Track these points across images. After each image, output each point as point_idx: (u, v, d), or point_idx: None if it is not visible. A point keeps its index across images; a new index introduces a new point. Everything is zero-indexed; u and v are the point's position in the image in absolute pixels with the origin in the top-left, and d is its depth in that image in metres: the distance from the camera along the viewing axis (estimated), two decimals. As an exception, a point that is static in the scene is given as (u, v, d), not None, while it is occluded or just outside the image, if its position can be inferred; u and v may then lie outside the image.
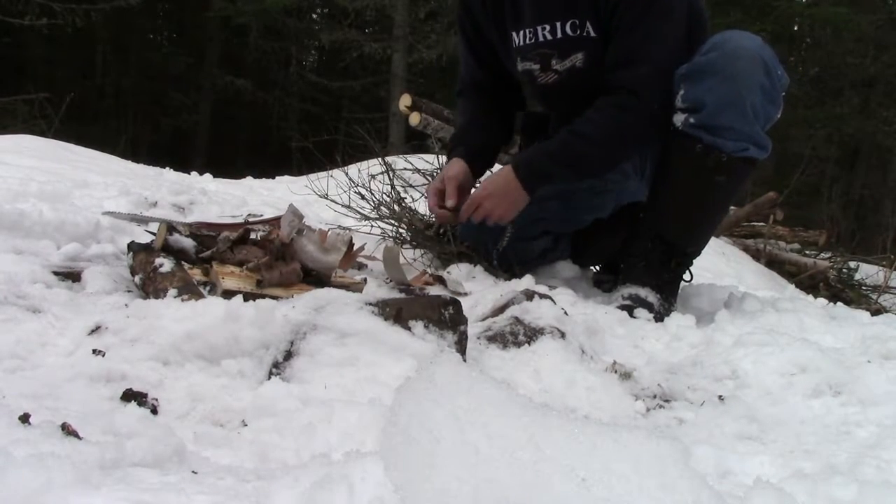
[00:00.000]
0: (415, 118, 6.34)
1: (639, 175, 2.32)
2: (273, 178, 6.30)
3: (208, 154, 17.70)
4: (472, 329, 1.57)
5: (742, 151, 2.01)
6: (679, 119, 2.03)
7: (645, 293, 2.05)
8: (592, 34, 2.09)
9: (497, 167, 2.31)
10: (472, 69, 2.41)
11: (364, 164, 3.72)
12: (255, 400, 1.15)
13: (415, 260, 2.34)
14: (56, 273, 1.62)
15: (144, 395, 1.12)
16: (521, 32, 2.21)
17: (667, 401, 1.47)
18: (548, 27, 2.14)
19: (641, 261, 2.11)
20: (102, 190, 2.91)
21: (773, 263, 6.22)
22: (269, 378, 1.22)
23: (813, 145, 14.87)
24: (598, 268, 2.56)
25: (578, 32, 2.11)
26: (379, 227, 2.56)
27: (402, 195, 2.58)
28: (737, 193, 2.27)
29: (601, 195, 2.37)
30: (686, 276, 2.20)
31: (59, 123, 9.27)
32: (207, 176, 4.95)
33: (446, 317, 1.40)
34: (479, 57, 2.38)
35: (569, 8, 2.10)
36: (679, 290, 2.19)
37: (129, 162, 5.05)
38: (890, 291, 5.92)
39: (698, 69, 1.99)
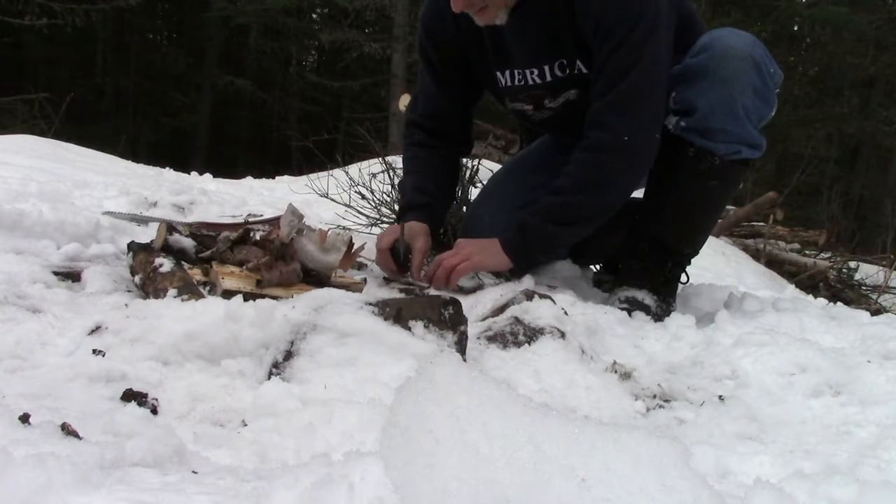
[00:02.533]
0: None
1: None
2: (273, 178, 6.31)
3: (208, 154, 17.71)
4: (472, 329, 1.57)
5: (734, 154, 2.01)
6: (671, 121, 2.02)
7: (642, 296, 2.04)
8: (584, 71, 2.03)
9: None
10: (433, 100, 2.27)
11: (364, 163, 3.73)
12: (255, 400, 1.16)
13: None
14: (56, 273, 1.62)
15: (144, 395, 1.13)
16: (508, 73, 2.13)
17: (667, 401, 1.47)
18: (535, 71, 2.07)
19: (638, 262, 2.10)
20: (102, 190, 2.91)
21: (773, 263, 6.22)
22: (269, 378, 1.23)
23: (813, 145, 14.85)
24: (598, 267, 2.56)
25: (568, 72, 2.05)
26: (380, 227, 2.56)
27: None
28: (732, 194, 2.26)
29: None
30: (682, 279, 2.19)
31: (59, 123, 9.26)
32: (207, 176, 4.95)
33: (446, 317, 1.40)
34: (446, 84, 2.23)
35: (555, 49, 2.02)
36: (678, 291, 2.18)
37: (129, 162, 5.06)
38: (890, 291, 5.92)
39: (689, 71, 1.98)
